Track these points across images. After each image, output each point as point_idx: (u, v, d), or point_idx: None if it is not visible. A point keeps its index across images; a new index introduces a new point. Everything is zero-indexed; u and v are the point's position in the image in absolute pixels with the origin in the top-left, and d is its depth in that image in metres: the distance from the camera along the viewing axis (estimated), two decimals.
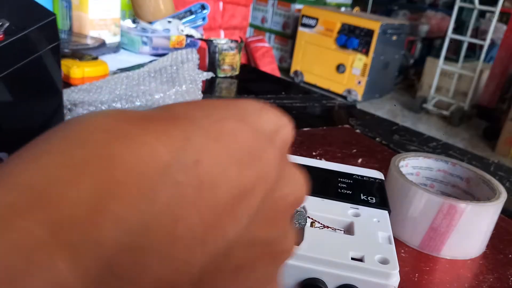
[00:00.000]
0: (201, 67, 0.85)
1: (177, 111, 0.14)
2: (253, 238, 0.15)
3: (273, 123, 0.16)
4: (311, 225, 0.30)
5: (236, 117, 0.15)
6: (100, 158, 0.11)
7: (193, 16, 1.07)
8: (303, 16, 3.36)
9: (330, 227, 0.30)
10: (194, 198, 0.12)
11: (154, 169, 0.12)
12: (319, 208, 0.32)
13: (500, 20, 3.45)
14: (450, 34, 2.98)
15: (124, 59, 0.92)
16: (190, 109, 0.15)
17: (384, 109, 3.25)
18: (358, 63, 3.14)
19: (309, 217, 0.30)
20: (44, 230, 0.10)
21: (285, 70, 3.61)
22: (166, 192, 0.12)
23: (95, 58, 0.76)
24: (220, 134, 0.14)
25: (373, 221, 0.31)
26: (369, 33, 3.05)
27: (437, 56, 3.17)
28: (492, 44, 3.30)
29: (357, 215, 0.32)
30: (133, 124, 0.13)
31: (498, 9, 2.76)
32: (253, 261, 0.15)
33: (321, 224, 0.30)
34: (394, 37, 3.20)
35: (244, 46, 3.13)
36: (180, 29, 1.01)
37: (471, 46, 3.32)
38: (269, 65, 3.03)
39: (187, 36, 1.00)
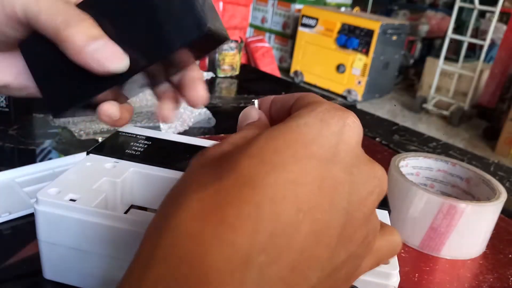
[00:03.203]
0: (201, 67, 0.86)
1: (241, 173, 0.16)
2: (348, 248, 0.17)
3: (336, 142, 0.17)
4: None
5: (297, 157, 0.16)
6: (190, 265, 0.14)
7: None
8: (303, 16, 3.36)
9: None
10: (278, 267, 0.15)
11: (239, 262, 0.14)
12: None
13: (500, 20, 3.45)
14: (450, 34, 2.98)
15: None
16: (253, 166, 0.16)
17: (384, 109, 3.25)
18: (358, 63, 3.13)
19: None
20: None
21: (285, 70, 3.61)
22: (255, 275, 0.14)
23: None
24: (286, 191, 0.15)
25: None
26: (369, 33, 3.04)
27: (437, 56, 3.17)
28: (492, 44, 3.30)
29: None
30: (207, 222, 0.15)
31: (498, 9, 2.76)
32: (357, 257, 0.18)
33: None
34: (394, 37, 3.19)
35: (244, 46, 3.13)
36: None
37: (471, 46, 3.31)
38: (269, 65, 3.03)
39: None
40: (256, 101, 0.26)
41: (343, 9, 3.68)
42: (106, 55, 0.25)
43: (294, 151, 0.16)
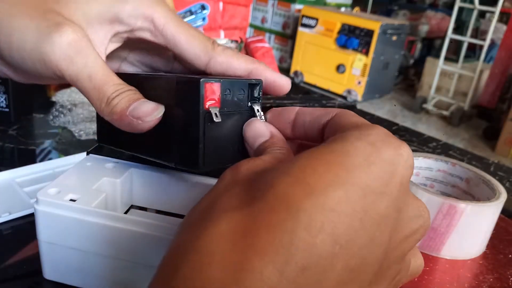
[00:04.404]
0: None
1: (276, 194, 0.15)
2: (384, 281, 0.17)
3: (386, 172, 0.16)
4: None
5: (339, 182, 0.15)
6: None
7: (193, 17, 1.07)
8: (303, 16, 3.36)
9: None
10: None
11: None
12: None
13: (500, 20, 3.45)
14: (450, 34, 2.98)
15: None
16: (289, 186, 0.15)
17: (384, 109, 3.25)
18: (358, 63, 3.13)
19: None
20: None
21: (285, 70, 3.61)
22: None
23: None
24: (324, 220, 0.14)
25: None
26: (369, 33, 3.04)
27: (437, 56, 3.16)
28: (492, 44, 3.30)
29: None
30: (236, 246, 0.14)
31: (498, 9, 2.76)
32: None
33: None
34: (394, 37, 3.19)
35: (244, 46, 3.13)
36: None
37: (471, 46, 3.31)
38: (269, 65, 3.02)
39: None
40: (261, 113, 0.25)
41: (343, 9, 3.68)
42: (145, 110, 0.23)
43: (336, 175, 0.15)
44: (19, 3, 0.23)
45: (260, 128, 0.24)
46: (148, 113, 0.23)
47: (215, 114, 0.23)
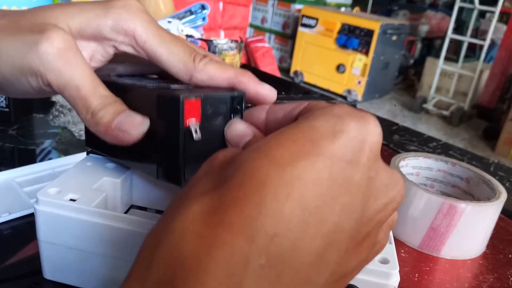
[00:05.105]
0: None
1: (243, 172, 0.15)
2: (356, 255, 0.17)
3: (353, 141, 0.16)
4: None
5: (305, 153, 0.15)
6: (189, 269, 0.13)
7: (193, 16, 1.07)
8: (303, 16, 3.36)
9: None
10: (280, 270, 0.14)
11: (237, 266, 0.13)
12: None
13: (500, 20, 3.45)
14: (450, 34, 2.98)
15: None
16: (256, 162, 0.15)
17: (384, 109, 3.25)
18: (358, 63, 3.13)
19: None
20: None
21: (285, 70, 3.61)
22: (253, 279, 0.13)
23: None
24: (291, 188, 0.14)
25: None
26: (369, 33, 3.04)
27: (437, 56, 3.17)
28: (492, 44, 3.30)
29: None
30: (207, 224, 0.14)
31: (498, 9, 2.76)
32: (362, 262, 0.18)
33: None
34: (394, 37, 3.19)
35: (244, 46, 3.13)
36: (180, 29, 1.01)
37: (471, 46, 3.31)
38: (269, 65, 3.03)
39: (187, 36, 1.00)
40: (237, 118, 0.25)
41: (343, 9, 3.68)
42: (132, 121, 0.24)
43: (302, 146, 0.15)
44: (3, 28, 0.23)
45: (242, 128, 0.24)
46: (133, 126, 0.23)
47: (195, 130, 0.23)
